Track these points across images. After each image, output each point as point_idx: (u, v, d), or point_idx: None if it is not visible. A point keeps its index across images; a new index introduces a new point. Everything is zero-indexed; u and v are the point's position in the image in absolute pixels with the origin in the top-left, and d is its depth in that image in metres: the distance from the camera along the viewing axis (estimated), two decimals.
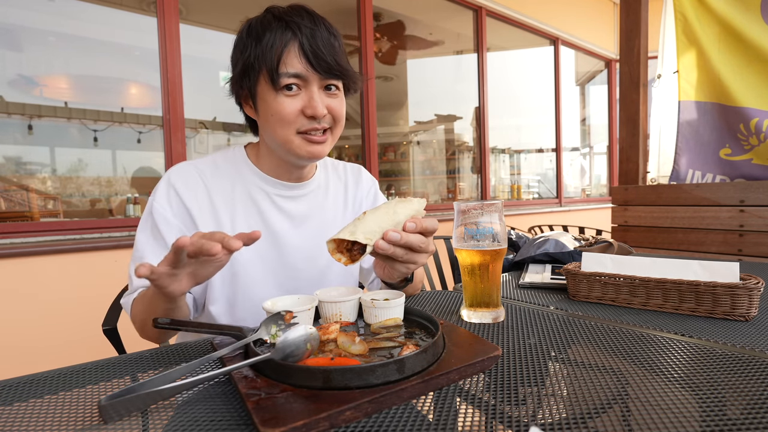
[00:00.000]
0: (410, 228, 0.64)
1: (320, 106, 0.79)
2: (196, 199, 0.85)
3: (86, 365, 0.59)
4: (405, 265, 0.69)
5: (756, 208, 1.82)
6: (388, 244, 0.63)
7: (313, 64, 0.77)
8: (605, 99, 5.72)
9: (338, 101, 0.84)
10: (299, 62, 0.77)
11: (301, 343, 0.51)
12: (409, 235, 0.64)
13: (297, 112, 0.79)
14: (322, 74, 0.79)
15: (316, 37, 0.78)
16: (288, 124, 0.80)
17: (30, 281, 1.86)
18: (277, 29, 0.77)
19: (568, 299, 0.92)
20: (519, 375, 0.51)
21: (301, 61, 0.77)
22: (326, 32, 0.79)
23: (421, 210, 0.70)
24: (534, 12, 4.36)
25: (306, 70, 0.78)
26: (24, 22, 2.33)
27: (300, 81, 0.79)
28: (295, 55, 0.77)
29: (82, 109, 2.80)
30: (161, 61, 2.23)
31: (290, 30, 0.77)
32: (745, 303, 0.73)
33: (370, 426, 0.41)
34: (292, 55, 0.77)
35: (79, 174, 2.81)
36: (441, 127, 4.94)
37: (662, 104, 2.34)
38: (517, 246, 1.43)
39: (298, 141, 0.81)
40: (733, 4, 1.99)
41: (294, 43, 0.77)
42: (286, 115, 0.79)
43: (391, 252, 0.64)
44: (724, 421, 0.40)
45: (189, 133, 2.52)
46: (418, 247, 0.66)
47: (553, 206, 4.70)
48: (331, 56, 0.79)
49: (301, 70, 0.78)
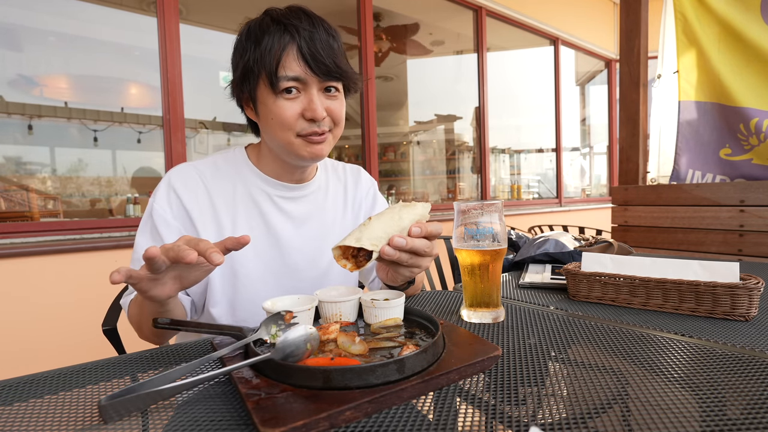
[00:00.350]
0: (415, 233, 0.65)
1: (320, 109, 0.79)
2: (197, 200, 0.85)
3: (86, 365, 0.59)
4: (409, 269, 0.69)
5: (756, 208, 1.82)
6: (394, 250, 0.63)
7: (311, 67, 0.77)
8: (605, 99, 5.72)
9: (338, 103, 0.83)
10: (298, 65, 0.77)
11: (301, 343, 0.51)
12: (414, 240, 0.64)
13: (297, 116, 0.79)
14: (321, 77, 0.78)
15: (314, 40, 0.77)
16: (288, 128, 0.80)
17: (30, 281, 1.86)
18: (275, 32, 0.77)
19: (568, 299, 0.91)
20: (519, 375, 0.51)
21: (300, 64, 0.77)
22: (325, 34, 0.79)
23: (426, 214, 0.70)
24: (534, 12, 4.36)
25: (305, 73, 0.77)
26: (24, 22, 2.33)
27: (299, 84, 0.78)
28: (294, 59, 0.77)
29: (82, 109, 2.80)
30: (161, 61, 2.23)
31: (288, 33, 0.77)
32: (745, 303, 0.73)
33: (370, 426, 0.41)
34: (291, 59, 0.77)
35: (79, 174, 2.81)
36: (441, 127, 4.94)
37: (662, 104, 2.34)
38: (517, 246, 1.43)
39: (298, 143, 0.81)
40: (733, 4, 1.99)
41: (292, 47, 0.77)
42: (286, 119, 0.79)
43: (397, 257, 0.64)
44: (724, 421, 0.40)
45: (189, 133, 2.52)
46: (422, 251, 0.66)
47: (553, 206, 4.70)
48: (330, 58, 0.78)
49: (300, 73, 0.77)
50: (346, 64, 0.82)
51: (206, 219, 0.85)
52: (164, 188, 0.85)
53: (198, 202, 0.85)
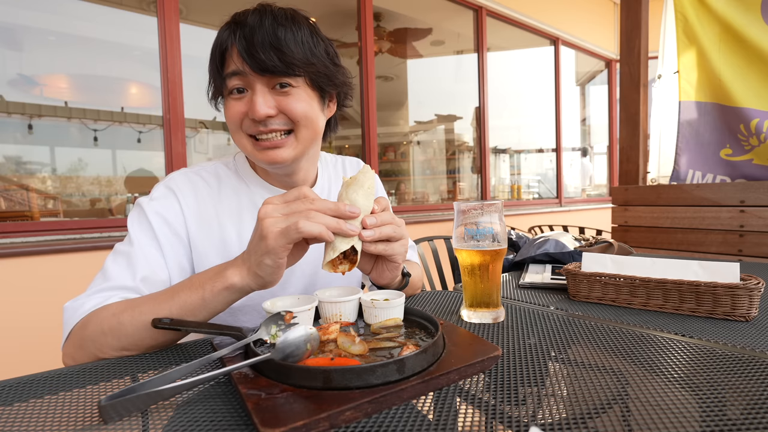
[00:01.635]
0: (372, 224, 0.64)
1: (259, 106, 0.73)
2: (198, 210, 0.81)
3: (86, 365, 0.59)
4: (391, 264, 0.70)
5: (756, 208, 1.82)
6: (372, 231, 0.63)
7: (248, 62, 0.72)
8: (605, 99, 5.72)
9: (292, 99, 0.76)
10: (237, 61, 0.73)
11: (301, 343, 0.51)
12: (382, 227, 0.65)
13: (240, 115, 0.76)
14: (258, 72, 0.72)
15: (255, 33, 0.71)
16: (235, 129, 0.77)
17: (30, 281, 1.86)
18: (223, 31, 0.75)
19: (568, 299, 0.91)
20: (519, 375, 0.51)
21: (238, 60, 0.73)
22: (273, 25, 0.72)
23: (372, 184, 0.68)
24: (534, 12, 4.36)
25: (242, 68, 0.73)
26: (24, 22, 2.33)
27: (243, 81, 0.74)
28: (234, 55, 0.74)
29: (82, 108, 2.80)
30: (161, 61, 2.23)
31: (229, 29, 0.74)
32: (745, 303, 0.73)
33: (370, 426, 0.41)
34: (233, 55, 0.74)
35: (79, 174, 2.81)
36: (441, 127, 4.94)
37: (662, 104, 2.34)
38: (517, 246, 1.43)
39: (250, 147, 0.78)
40: (734, 5, 1.99)
41: (233, 43, 0.73)
42: (230, 118, 0.77)
43: (379, 234, 0.64)
44: (724, 421, 0.40)
45: (189, 132, 2.51)
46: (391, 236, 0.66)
47: (553, 206, 4.70)
48: (272, 51, 0.71)
49: (237, 67, 0.73)
50: (304, 56, 0.74)
51: (207, 231, 0.81)
52: (163, 190, 0.81)
53: (199, 213, 0.81)
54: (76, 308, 0.67)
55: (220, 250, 0.81)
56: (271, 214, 0.59)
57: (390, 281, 0.76)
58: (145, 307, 0.63)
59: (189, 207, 0.80)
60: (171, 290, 0.65)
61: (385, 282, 0.76)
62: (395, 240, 0.67)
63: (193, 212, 0.81)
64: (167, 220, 0.78)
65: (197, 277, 0.65)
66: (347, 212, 0.61)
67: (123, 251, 0.74)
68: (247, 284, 0.62)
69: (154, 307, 0.63)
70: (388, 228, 0.66)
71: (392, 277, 0.74)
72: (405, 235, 0.70)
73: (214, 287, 0.62)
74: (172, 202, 0.80)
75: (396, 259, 0.70)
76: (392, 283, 0.78)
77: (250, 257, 0.61)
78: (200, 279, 0.64)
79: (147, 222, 0.77)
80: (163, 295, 0.65)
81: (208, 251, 0.81)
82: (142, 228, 0.76)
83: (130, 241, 0.75)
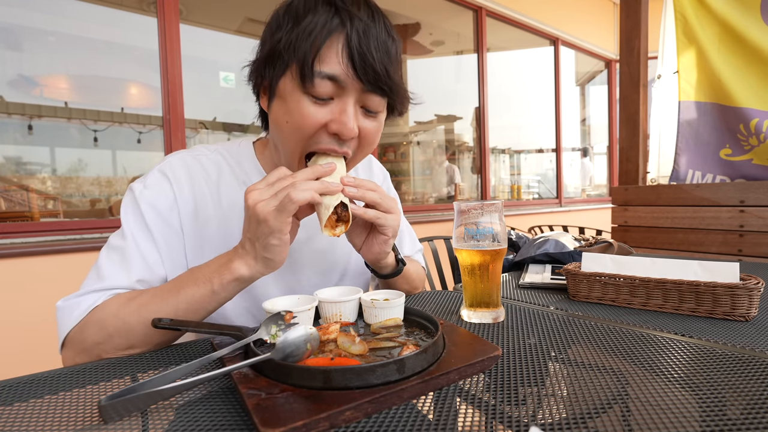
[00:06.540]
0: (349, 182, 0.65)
1: (351, 123, 0.63)
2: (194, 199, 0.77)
3: (86, 365, 0.59)
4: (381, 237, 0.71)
5: (756, 208, 1.82)
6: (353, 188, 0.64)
7: (356, 68, 0.61)
8: (605, 99, 5.73)
9: (376, 125, 0.68)
10: (339, 62, 0.61)
11: (301, 343, 0.51)
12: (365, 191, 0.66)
13: (319, 126, 0.64)
14: (365, 84, 0.62)
15: (369, 35, 0.61)
16: (301, 139, 0.66)
17: (30, 281, 1.86)
18: (323, 13, 0.61)
19: (568, 299, 0.91)
20: (519, 375, 0.51)
21: (342, 61, 0.61)
22: (384, 32, 0.63)
23: (342, 170, 0.68)
24: (534, 12, 4.36)
25: (346, 74, 0.61)
26: (24, 22, 2.33)
27: (335, 87, 0.63)
28: (337, 52, 0.61)
29: (82, 109, 2.80)
30: (161, 61, 2.23)
31: (339, 17, 0.61)
32: (745, 303, 0.73)
33: (370, 426, 0.41)
34: (333, 52, 0.61)
35: (79, 174, 2.81)
36: (441, 127, 4.94)
37: (662, 104, 2.34)
38: (517, 246, 1.43)
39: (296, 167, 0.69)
40: (733, 5, 2.00)
41: (339, 36, 0.61)
42: (306, 127, 0.64)
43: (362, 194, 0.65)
44: (724, 421, 0.40)
45: (189, 133, 2.51)
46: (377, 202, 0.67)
47: (553, 206, 4.70)
48: (383, 64, 0.62)
49: (340, 72, 0.61)
50: (400, 78, 0.66)
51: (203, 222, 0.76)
52: (157, 176, 0.75)
53: (194, 202, 0.76)
54: (71, 309, 0.66)
55: (215, 243, 0.77)
56: (260, 198, 0.59)
57: (378, 255, 0.75)
58: (151, 305, 0.62)
59: (183, 195, 0.75)
60: (174, 286, 0.64)
61: (373, 256, 0.75)
62: (384, 210, 0.68)
63: (188, 201, 0.76)
64: (160, 211, 0.73)
65: (200, 271, 0.64)
66: (324, 168, 0.63)
67: (117, 246, 0.70)
68: (257, 271, 0.63)
69: (159, 304, 0.62)
70: (371, 193, 0.66)
71: (380, 251, 0.73)
72: (395, 210, 0.70)
73: (223, 279, 0.62)
74: (166, 191, 0.74)
75: (386, 231, 0.70)
76: (381, 260, 0.77)
77: (254, 244, 0.61)
78: (204, 272, 0.63)
79: (140, 214, 0.72)
80: (166, 291, 0.64)
81: (202, 243, 0.77)
82: (135, 220, 0.72)
83: (123, 235, 0.71)
